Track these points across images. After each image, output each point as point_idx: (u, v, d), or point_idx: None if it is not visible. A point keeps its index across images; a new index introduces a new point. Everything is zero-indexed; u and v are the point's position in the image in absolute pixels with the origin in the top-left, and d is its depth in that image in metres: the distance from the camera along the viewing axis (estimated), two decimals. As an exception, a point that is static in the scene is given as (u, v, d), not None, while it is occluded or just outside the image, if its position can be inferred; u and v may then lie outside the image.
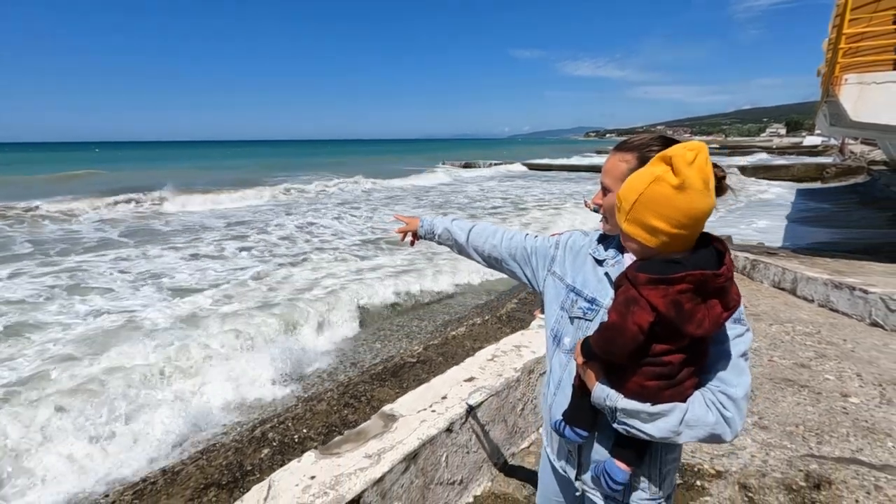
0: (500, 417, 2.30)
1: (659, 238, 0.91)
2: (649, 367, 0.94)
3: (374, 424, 1.98)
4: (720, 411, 0.94)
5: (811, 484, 2.21)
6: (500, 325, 6.10)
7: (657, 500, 1.10)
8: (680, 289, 0.87)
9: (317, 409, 4.19)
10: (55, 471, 3.49)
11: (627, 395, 0.97)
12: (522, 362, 2.52)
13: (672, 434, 0.95)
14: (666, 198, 0.87)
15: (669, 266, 0.90)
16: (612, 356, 0.97)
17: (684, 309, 0.88)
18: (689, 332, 0.89)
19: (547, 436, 1.32)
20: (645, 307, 0.90)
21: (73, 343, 5.66)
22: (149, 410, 4.34)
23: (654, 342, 0.92)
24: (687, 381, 0.95)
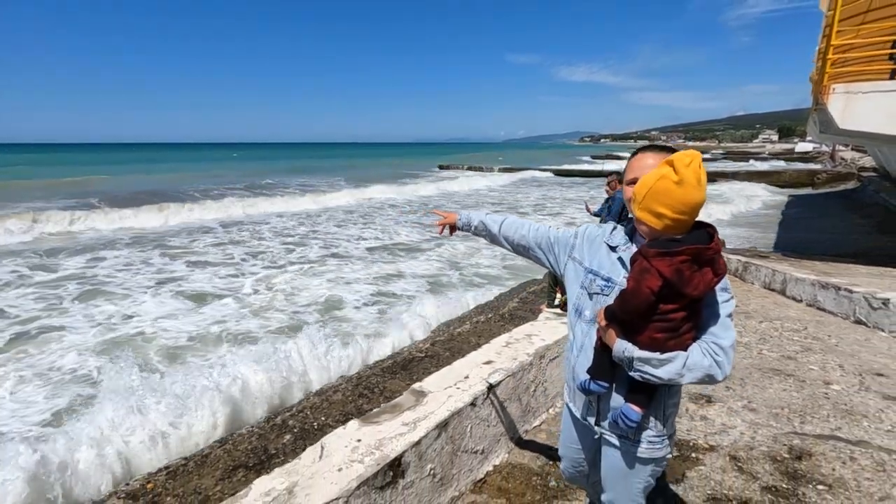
0: (515, 396, 2.55)
1: (663, 222, 1.20)
2: (657, 323, 1.22)
3: (407, 399, 2.22)
4: (713, 357, 1.20)
5: (794, 456, 2.47)
6: (503, 323, 6.35)
7: (662, 437, 1.38)
8: (681, 259, 1.17)
9: (333, 399, 4.41)
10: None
11: (641, 347, 1.23)
12: (534, 348, 2.77)
13: (677, 376, 1.21)
14: (669, 191, 1.17)
15: (672, 243, 1.19)
16: (629, 315, 1.25)
17: (684, 275, 1.16)
18: (688, 294, 1.17)
19: (570, 393, 1.58)
20: (655, 274, 1.18)
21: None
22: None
23: (661, 303, 1.20)
24: (686, 335, 1.23)
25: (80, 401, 4.98)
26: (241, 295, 8.68)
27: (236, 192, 25.33)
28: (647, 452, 1.37)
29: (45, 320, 7.28)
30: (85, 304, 8.02)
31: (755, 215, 19.77)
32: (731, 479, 2.30)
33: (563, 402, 1.68)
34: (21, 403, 4.93)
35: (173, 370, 5.52)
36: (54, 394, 5.13)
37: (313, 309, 8.14)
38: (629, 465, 1.40)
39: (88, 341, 6.53)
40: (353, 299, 8.64)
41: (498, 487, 2.26)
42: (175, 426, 4.16)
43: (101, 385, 5.21)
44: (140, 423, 4.03)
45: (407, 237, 14.01)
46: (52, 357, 6.01)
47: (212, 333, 6.90)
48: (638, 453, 1.37)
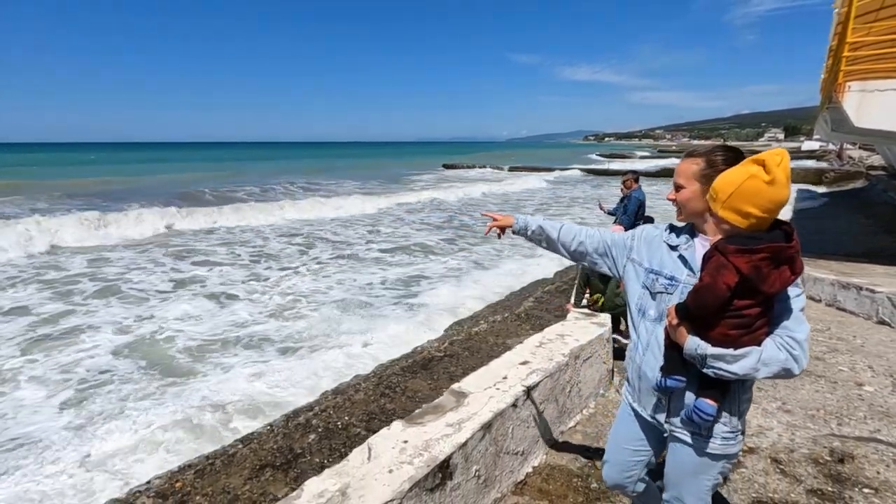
0: (552, 397, 2.53)
1: (749, 220, 1.20)
2: (731, 319, 1.23)
3: (448, 400, 2.20)
4: (789, 351, 1.20)
5: (836, 458, 2.44)
6: (520, 323, 6.32)
7: (735, 433, 1.36)
8: (761, 256, 1.17)
9: (355, 399, 4.40)
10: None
11: (713, 344, 1.24)
12: (569, 348, 2.75)
13: (752, 371, 1.21)
14: (760, 190, 1.17)
15: (751, 240, 1.20)
16: (703, 311, 1.25)
17: (762, 272, 1.17)
18: (764, 291, 1.18)
19: (633, 393, 1.57)
20: (731, 270, 1.19)
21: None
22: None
23: (735, 299, 1.21)
24: (760, 330, 1.23)
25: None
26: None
27: (288, 193, 25.57)
28: (721, 448, 1.35)
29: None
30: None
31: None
32: (774, 481, 2.27)
33: (624, 401, 1.66)
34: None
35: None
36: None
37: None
38: (700, 461, 1.39)
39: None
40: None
41: (539, 489, 2.24)
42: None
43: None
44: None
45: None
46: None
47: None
48: (710, 449, 1.36)
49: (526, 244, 12.45)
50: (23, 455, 3.94)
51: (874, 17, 9.39)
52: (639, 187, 6.79)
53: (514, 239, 14.83)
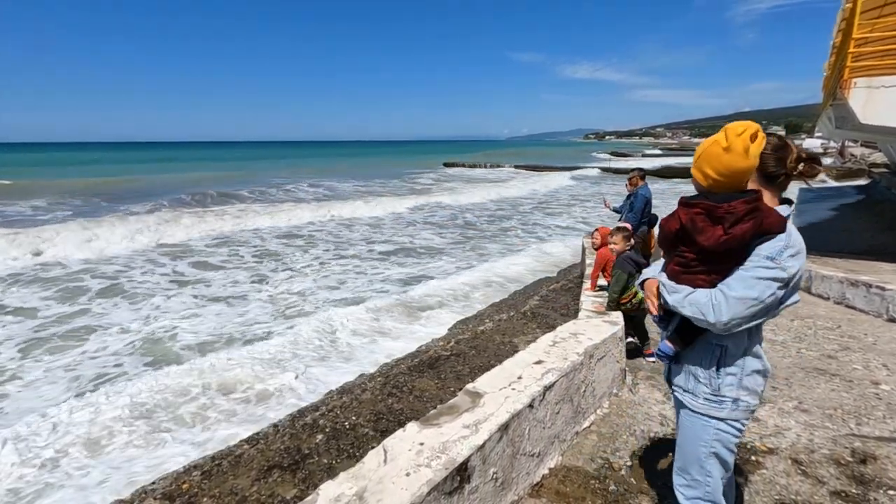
0: (567, 397, 2.48)
1: (707, 181, 1.38)
2: (676, 258, 1.48)
3: (463, 400, 2.16)
4: (711, 298, 1.36)
5: (857, 459, 2.39)
6: (526, 321, 6.28)
7: (719, 398, 1.46)
8: (696, 211, 1.39)
9: (362, 399, 4.35)
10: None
11: (668, 277, 1.50)
12: (583, 347, 2.70)
13: (678, 304, 1.43)
14: (716, 155, 1.34)
15: (697, 198, 1.42)
16: (661, 245, 1.58)
17: (697, 225, 1.38)
18: (698, 242, 1.37)
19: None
20: (676, 219, 1.45)
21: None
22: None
23: (681, 244, 1.45)
24: (699, 276, 1.41)
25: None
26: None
27: (311, 194, 25.47)
28: (704, 408, 1.48)
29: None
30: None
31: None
32: (796, 483, 2.22)
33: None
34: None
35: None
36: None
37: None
38: (691, 422, 1.53)
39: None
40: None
41: (556, 491, 2.20)
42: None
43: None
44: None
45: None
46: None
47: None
48: (694, 407, 1.51)
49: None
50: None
51: (878, 13, 9.32)
52: (645, 184, 6.73)
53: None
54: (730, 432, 1.47)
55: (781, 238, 1.32)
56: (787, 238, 1.32)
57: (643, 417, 2.79)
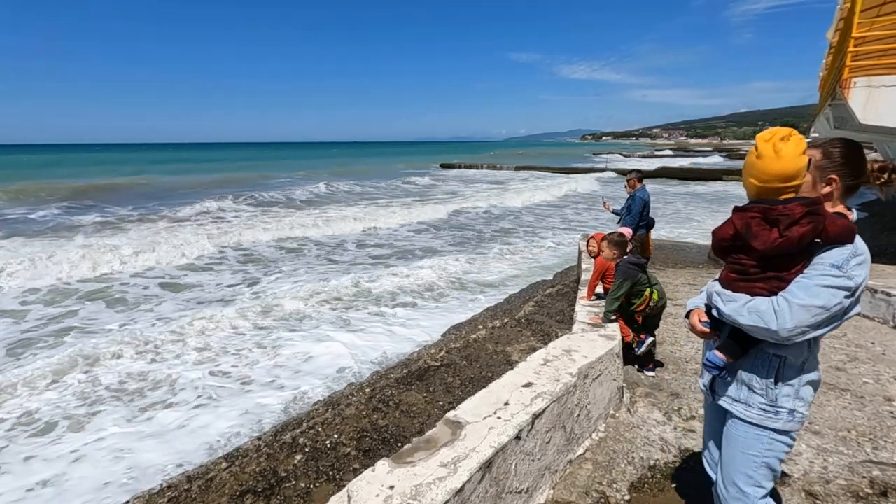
0: (559, 423, 2.26)
1: (752, 189, 1.40)
2: (732, 265, 1.46)
3: (442, 431, 1.93)
4: (773, 306, 1.31)
5: (877, 491, 2.18)
6: (521, 329, 6.06)
7: (775, 408, 1.41)
8: (751, 215, 1.38)
9: (346, 414, 4.12)
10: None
11: (722, 286, 1.48)
12: (576, 367, 2.48)
13: (735, 313, 1.38)
14: (752, 164, 1.37)
15: (753, 203, 1.41)
16: (714, 251, 1.55)
17: (752, 230, 1.37)
18: (754, 247, 1.36)
19: (703, 370, 1.68)
20: (729, 225, 1.45)
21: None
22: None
23: (737, 251, 1.44)
24: (757, 283, 1.38)
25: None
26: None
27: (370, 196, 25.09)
28: (758, 419, 1.44)
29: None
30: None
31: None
32: (813, 521, 2.01)
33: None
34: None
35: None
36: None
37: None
38: (743, 432, 1.48)
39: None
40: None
41: (546, 532, 1.97)
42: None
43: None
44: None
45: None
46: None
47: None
48: (748, 418, 1.46)
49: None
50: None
51: (877, 11, 9.17)
52: (643, 187, 6.53)
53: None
54: (784, 442, 1.47)
55: (848, 246, 1.29)
56: (854, 246, 1.29)
57: (642, 442, 2.57)
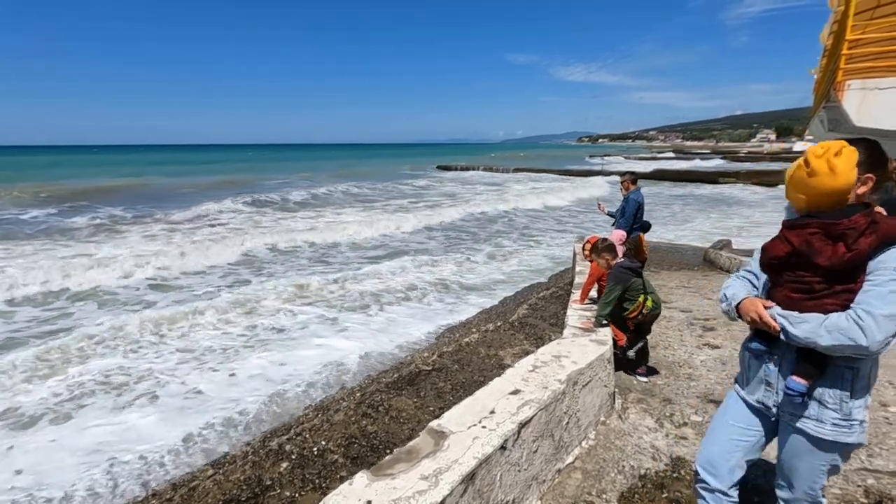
0: (547, 432, 2.20)
1: (803, 203, 1.39)
2: (793, 284, 1.40)
3: (425, 442, 1.87)
4: (855, 321, 1.25)
5: (872, 500, 2.13)
6: (514, 332, 6.00)
7: (849, 421, 1.37)
8: (810, 231, 1.35)
9: (334, 420, 4.04)
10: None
11: (782, 307, 1.41)
12: (566, 373, 2.42)
13: (813, 335, 1.30)
14: (801, 180, 1.36)
15: (807, 218, 1.38)
16: (763, 269, 1.52)
17: (814, 246, 1.33)
18: (818, 263, 1.32)
19: (741, 378, 1.66)
20: (783, 242, 1.41)
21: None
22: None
23: (797, 269, 1.38)
24: (827, 300, 1.33)
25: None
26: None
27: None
28: (832, 434, 1.39)
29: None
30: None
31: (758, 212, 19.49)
32: (806, 532, 1.95)
33: (731, 391, 1.71)
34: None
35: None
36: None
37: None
38: (811, 448, 1.44)
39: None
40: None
41: (532, 545, 1.91)
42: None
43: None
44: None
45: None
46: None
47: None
48: (821, 435, 1.41)
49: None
50: None
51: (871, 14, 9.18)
52: (637, 189, 6.49)
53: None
54: (850, 453, 1.47)
55: None
56: None
57: (633, 450, 2.51)
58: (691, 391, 3.27)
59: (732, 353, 4.13)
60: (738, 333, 4.72)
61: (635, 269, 3.27)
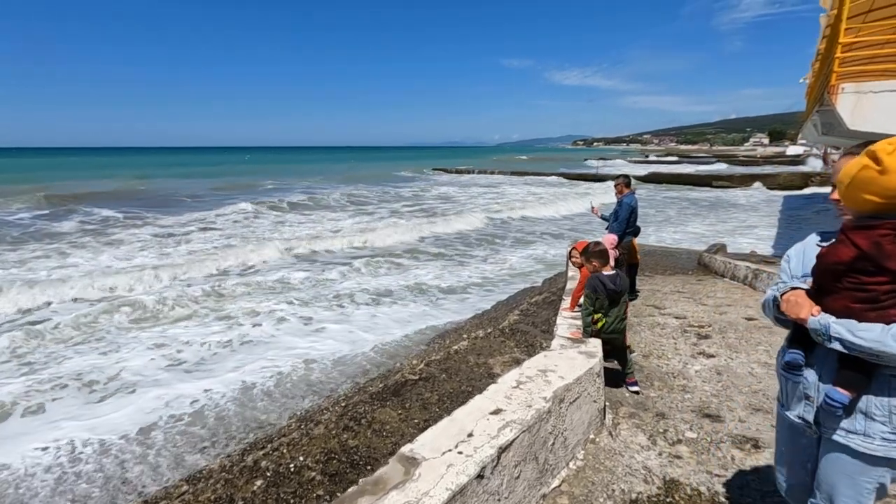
0: (531, 455, 2.03)
1: (868, 206, 1.24)
2: (855, 293, 1.25)
3: (394, 470, 1.70)
4: None
5: None
6: (504, 339, 5.84)
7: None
8: (881, 233, 1.22)
9: (313, 434, 3.86)
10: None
11: (837, 317, 1.26)
12: (552, 390, 2.26)
13: (879, 344, 1.18)
14: (872, 179, 1.20)
15: (874, 219, 1.24)
16: (820, 279, 1.34)
17: (884, 249, 1.20)
18: (888, 267, 1.19)
19: (781, 394, 1.54)
20: (847, 245, 1.27)
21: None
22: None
23: (860, 274, 1.24)
24: (893, 310, 1.20)
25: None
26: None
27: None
28: (882, 450, 1.29)
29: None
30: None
31: (752, 216, 19.48)
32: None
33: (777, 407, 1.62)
34: None
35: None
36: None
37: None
38: (857, 463, 1.33)
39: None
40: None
41: (512, 582, 1.74)
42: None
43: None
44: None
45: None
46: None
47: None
48: (868, 450, 1.31)
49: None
50: None
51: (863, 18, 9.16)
52: (630, 192, 6.36)
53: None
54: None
55: None
56: None
57: (623, 472, 2.35)
58: (685, 404, 3.12)
59: (728, 362, 3.99)
60: (734, 342, 4.59)
61: (610, 290, 3.07)
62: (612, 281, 3.07)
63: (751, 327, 5.10)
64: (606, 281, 3.06)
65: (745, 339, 4.69)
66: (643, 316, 5.70)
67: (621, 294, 3.11)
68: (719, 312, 5.76)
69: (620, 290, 3.09)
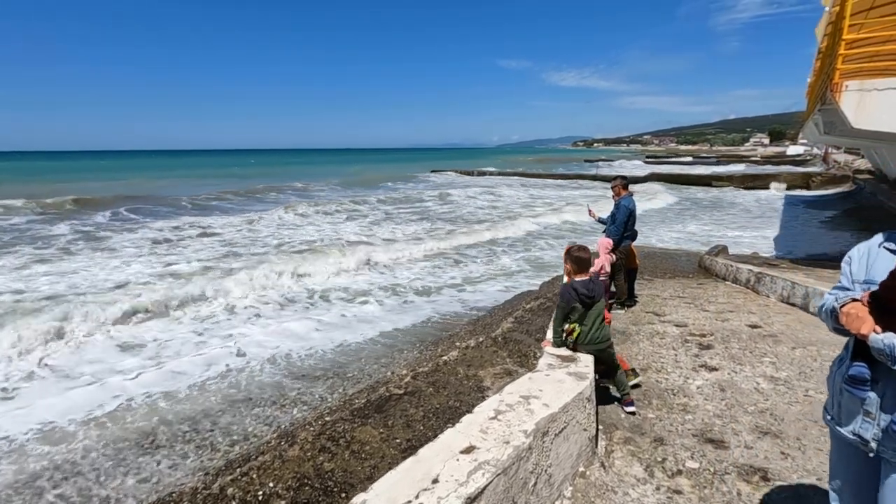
0: (507, 501, 1.77)
1: None
2: None
3: (340, 530, 1.43)
4: None
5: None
6: (497, 349, 5.57)
7: None
8: None
9: (287, 456, 3.59)
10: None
11: None
12: (534, 421, 1.99)
13: None
14: None
15: None
16: (886, 294, 1.16)
17: None
18: None
19: (831, 408, 1.43)
20: None
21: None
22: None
23: None
24: None
25: None
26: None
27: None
28: None
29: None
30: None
31: (750, 218, 19.22)
32: None
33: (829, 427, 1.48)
34: None
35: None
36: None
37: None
38: None
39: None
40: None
41: None
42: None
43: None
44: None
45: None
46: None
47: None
48: None
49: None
50: None
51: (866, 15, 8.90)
52: (628, 195, 6.10)
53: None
54: None
55: None
56: None
57: (617, 512, 2.09)
58: (686, 427, 2.85)
59: (732, 376, 3.73)
60: (737, 352, 4.32)
61: (582, 296, 2.83)
62: (584, 286, 2.86)
63: (754, 336, 4.84)
64: (579, 287, 2.86)
65: (750, 349, 4.42)
66: (642, 324, 5.44)
67: (595, 299, 2.89)
68: (721, 319, 5.49)
69: (594, 295, 2.87)
